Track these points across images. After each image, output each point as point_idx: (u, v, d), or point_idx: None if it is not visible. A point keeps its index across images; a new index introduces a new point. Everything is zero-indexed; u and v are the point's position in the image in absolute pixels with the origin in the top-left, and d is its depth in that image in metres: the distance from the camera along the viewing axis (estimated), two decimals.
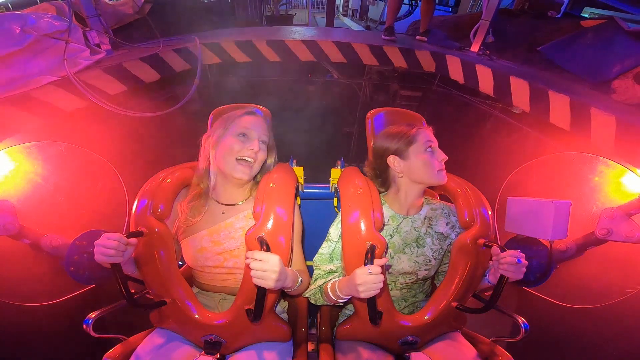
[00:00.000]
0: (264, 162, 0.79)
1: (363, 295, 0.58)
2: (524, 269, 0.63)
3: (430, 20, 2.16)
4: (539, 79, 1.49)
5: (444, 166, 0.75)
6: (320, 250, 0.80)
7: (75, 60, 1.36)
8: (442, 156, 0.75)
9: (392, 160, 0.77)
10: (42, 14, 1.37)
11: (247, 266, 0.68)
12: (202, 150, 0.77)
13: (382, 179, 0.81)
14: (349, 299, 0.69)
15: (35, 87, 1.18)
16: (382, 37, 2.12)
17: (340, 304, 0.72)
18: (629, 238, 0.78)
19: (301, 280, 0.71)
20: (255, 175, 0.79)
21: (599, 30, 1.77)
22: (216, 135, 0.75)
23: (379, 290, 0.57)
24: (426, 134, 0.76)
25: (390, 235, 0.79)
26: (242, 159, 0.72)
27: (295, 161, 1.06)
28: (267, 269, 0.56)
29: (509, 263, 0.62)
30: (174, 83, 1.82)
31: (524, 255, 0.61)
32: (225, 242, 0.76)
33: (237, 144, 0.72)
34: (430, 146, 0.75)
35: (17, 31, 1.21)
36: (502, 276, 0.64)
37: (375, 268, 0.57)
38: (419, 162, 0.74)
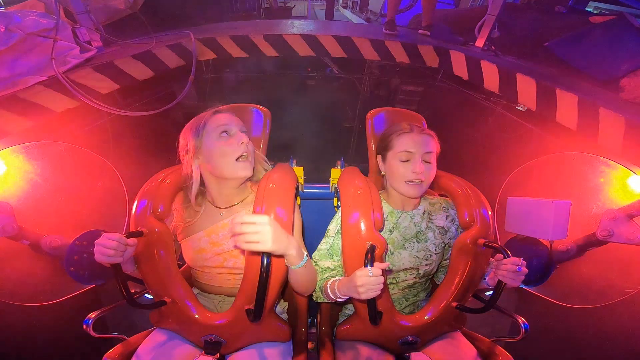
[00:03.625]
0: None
1: (363, 297, 0.61)
2: (523, 277, 0.66)
3: (433, 14, 2.20)
4: (546, 77, 1.53)
5: (418, 178, 0.75)
6: (319, 246, 0.84)
7: (64, 58, 1.38)
8: (417, 168, 0.74)
9: (378, 159, 0.87)
10: (28, 11, 1.39)
11: (247, 266, 0.72)
12: (184, 165, 0.78)
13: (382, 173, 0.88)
14: (349, 297, 0.73)
15: (22, 88, 1.19)
16: (384, 30, 2.16)
17: (339, 302, 0.76)
18: (630, 240, 0.82)
19: (307, 256, 0.69)
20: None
21: (608, 27, 1.81)
22: (192, 145, 0.75)
23: (379, 292, 0.60)
24: (411, 141, 0.77)
25: (390, 231, 0.83)
26: (240, 156, 0.74)
27: (295, 161, 1.10)
28: (259, 229, 0.54)
29: (509, 270, 0.65)
30: (169, 80, 1.85)
31: (525, 263, 0.64)
32: (224, 242, 0.80)
33: (225, 144, 0.73)
34: (406, 157, 0.76)
35: (2, 30, 1.22)
36: (500, 281, 0.68)
37: (375, 270, 0.60)
38: (391, 168, 0.80)
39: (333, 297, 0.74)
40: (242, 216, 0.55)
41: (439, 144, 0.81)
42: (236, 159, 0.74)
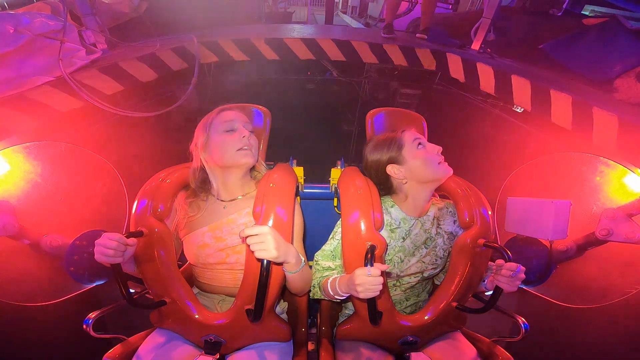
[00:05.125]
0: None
1: (362, 296, 0.59)
2: (519, 282, 0.65)
3: (431, 18, 2.19)
4: (540, 78, 1.52)
5: (443, 158, 0.76)
6: (323, 247, 0.82)
7: (70, 60, 1.38)
8: (436, 148, 0.76)
9: (391, 169, 0.78)
10: (36, 13, 1.39)
11: (247, 266, 0.71)
12: (194, 158, 0.80)
13: (385, 187, 0.82)
14: (349, 296, 0.71)
15: (30, 88, 1.20)
16: (382, 34, 2.15)
17: (338, 300, 0.74)
18: (629, 239, 0.80)
19: (304, 262, 0.72)
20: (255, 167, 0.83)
21: (602, 29, 1.80)
22: (201, 140, 0.78)
23: (377, 293, 0.58)
24: (411, 133, 0.78)
25: (403, 238, 0.80)
26: (240, 149, 0.76)
27: (295, 161, 1.08)
28: (263, 239, 0.58)
29: (503, 276, 0.64)
30: (172, 82, 1.84)
31: (523, 268, 0.63)
32: (228, 238, 0.78)
33: (227, 138, 0.76)
34: (420, 142, 0.76)
35: (11, 31, 1.22)
36: (497, 286, 0.66)
37: (374, 270, 0.58)
38: (417, 161, 0.75)
39: (332, 294, 0.71)
40: (246, 230, 0.58)
41: None
42: (237, 150, 0.76)
